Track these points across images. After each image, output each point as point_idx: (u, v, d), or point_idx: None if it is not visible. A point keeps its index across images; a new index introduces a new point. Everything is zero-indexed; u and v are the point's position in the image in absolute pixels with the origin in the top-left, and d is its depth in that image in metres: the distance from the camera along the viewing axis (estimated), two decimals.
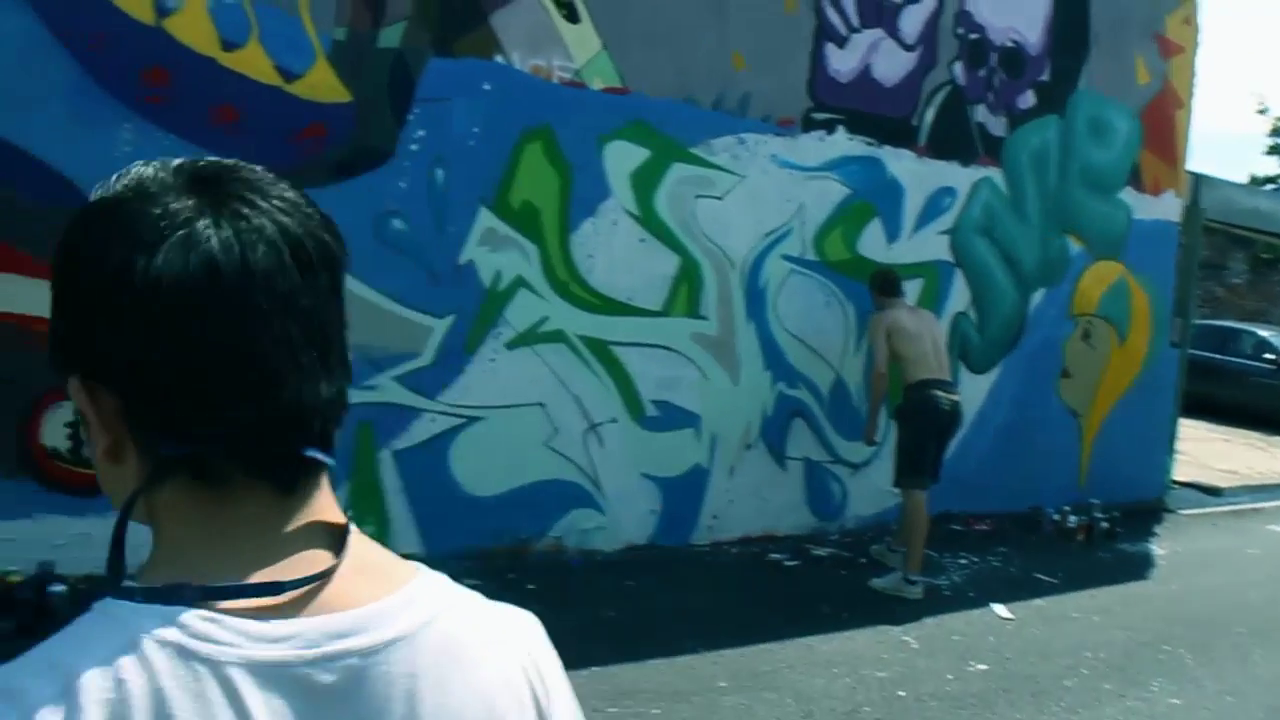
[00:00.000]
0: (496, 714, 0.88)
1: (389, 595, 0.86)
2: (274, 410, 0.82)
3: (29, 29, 5.02)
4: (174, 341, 0.80)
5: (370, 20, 5.60)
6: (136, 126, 5.24)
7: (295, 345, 0.83)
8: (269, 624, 0.79)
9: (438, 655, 0.86)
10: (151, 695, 0.74)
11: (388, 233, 5.78)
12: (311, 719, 0.79)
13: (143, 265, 0.79)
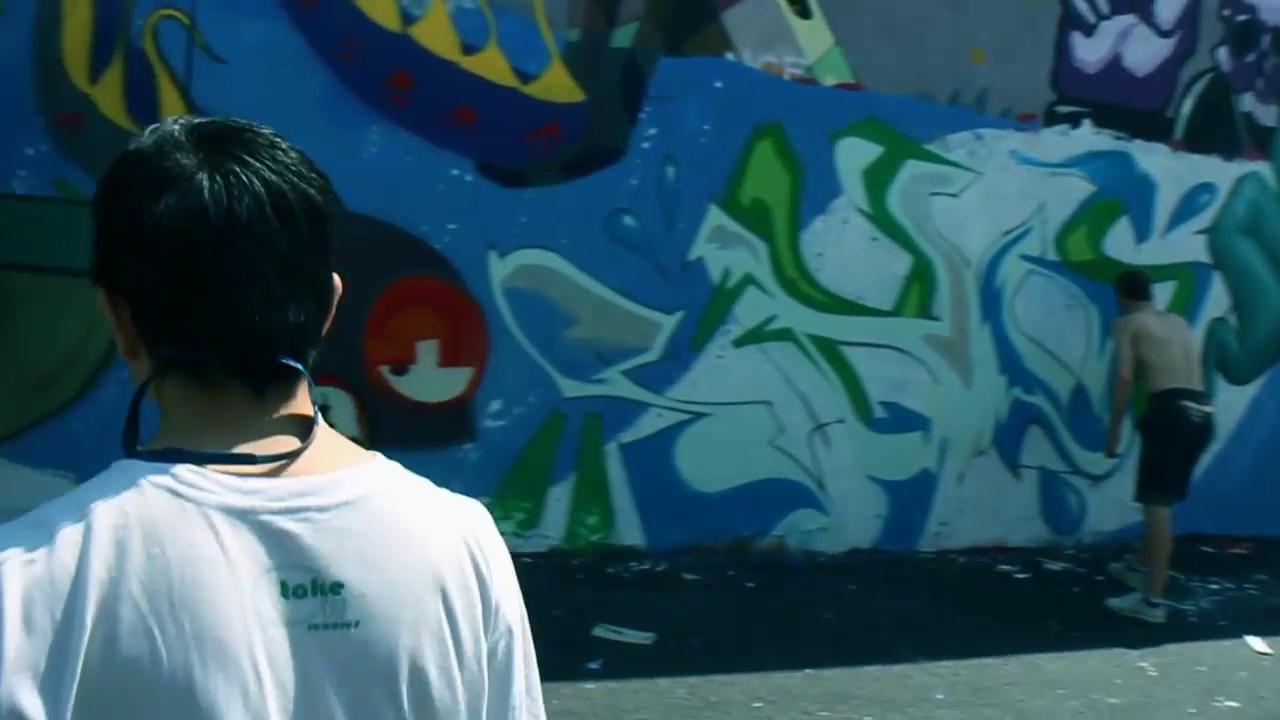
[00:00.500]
0: (437, 576, 1.07)
1: (344, 469, 1.06)
2: (246, 329, 1.02)
3: (288, 41, 5.36)
4: (169, 270, 1.00)
5: (603, 21, 5.70)
6: (383, 128, 5.51)
7: (269, 280, 1.02)
8: (244, 481, 1.00)
9: (384, 519, 1.05)
10: (147, 523, 0.96)
11: (619, 229, 5.87)
12: (275, 556, 0.99)
13: (150, 209, 1.00)
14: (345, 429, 5.54)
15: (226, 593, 0.97)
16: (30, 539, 0.95)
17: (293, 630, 0.99)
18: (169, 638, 0.94)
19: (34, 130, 5.25)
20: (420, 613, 1.05)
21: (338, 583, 1.01)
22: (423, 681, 1.05)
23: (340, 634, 1.01)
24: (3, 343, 5.23)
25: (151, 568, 0.95)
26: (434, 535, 1.08)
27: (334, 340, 4.26)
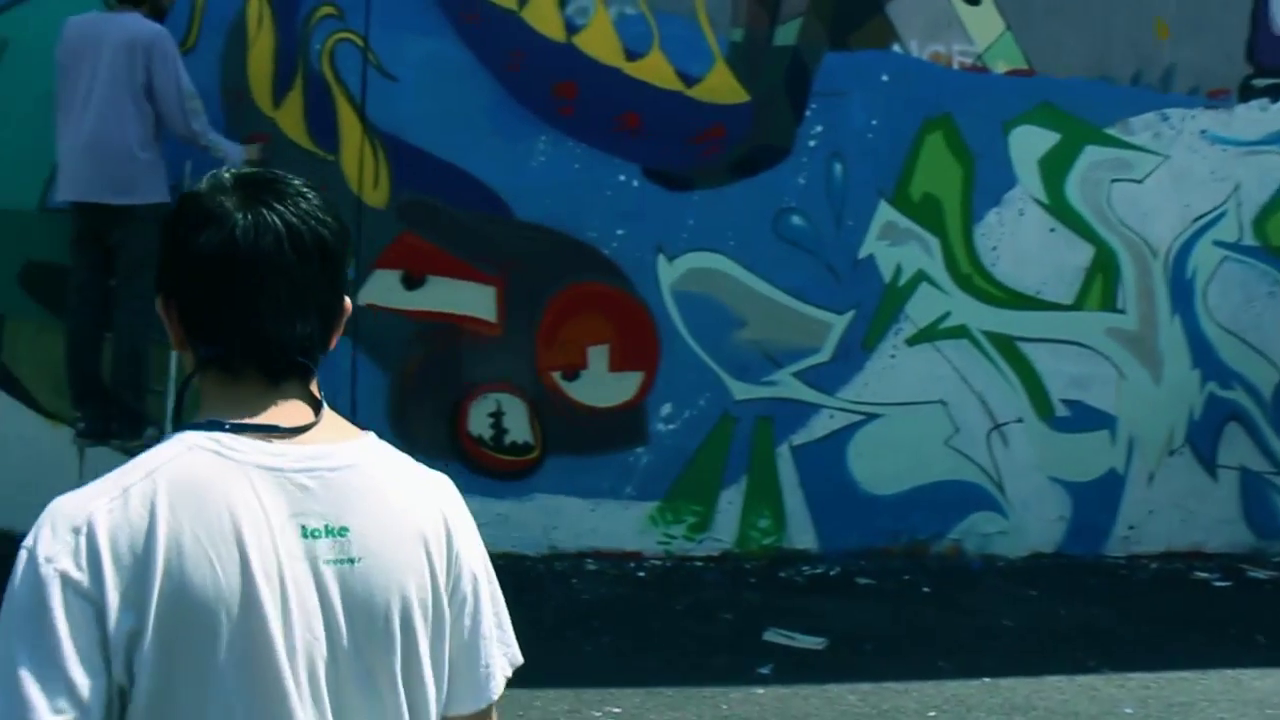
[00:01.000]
0: (419, 528, 1.37)
1: (344, 442, 1.37)
2: (258, 334, 1.33)
3: (457, 56, 5.50)
4: (205, 285, 1.33)
5: (766, 19, 5.65)
6: (550, 137, 5.60)
7: (280, 299, 1.33)
8: (270, 446, 1.31)
9: (378, 480, 1.36)
10: (199, 477, 1.26)
11: (787, 229, 5.82)
12: (295, 505, 1.29)
13: (194, 237, 1.33)
14: (518, 434, 5.67)
15: (262, 532, 1.26)
16: (110, 493, 1.25)
17: (311, 564, 1.29)
18: (224, 563, 1.23)
19: None
20: (407, 555, 1.35)
21: (344, 527, 1.31)
22: (407, 608, 1.34)
23: (347, 568, 1.31)
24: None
25: (205, 511, 1.25)
26: (416, 496, 1.41)
27: (507, 347, 4.38)
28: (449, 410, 5.66)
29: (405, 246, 5.62)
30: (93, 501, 1.24)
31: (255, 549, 1.25)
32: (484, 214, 5.61)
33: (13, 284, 5.57)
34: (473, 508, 5.02)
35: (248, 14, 5.47)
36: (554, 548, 5.69)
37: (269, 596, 1.24)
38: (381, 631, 1.32)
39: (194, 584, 1.22)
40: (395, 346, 5.64)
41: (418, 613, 1.36)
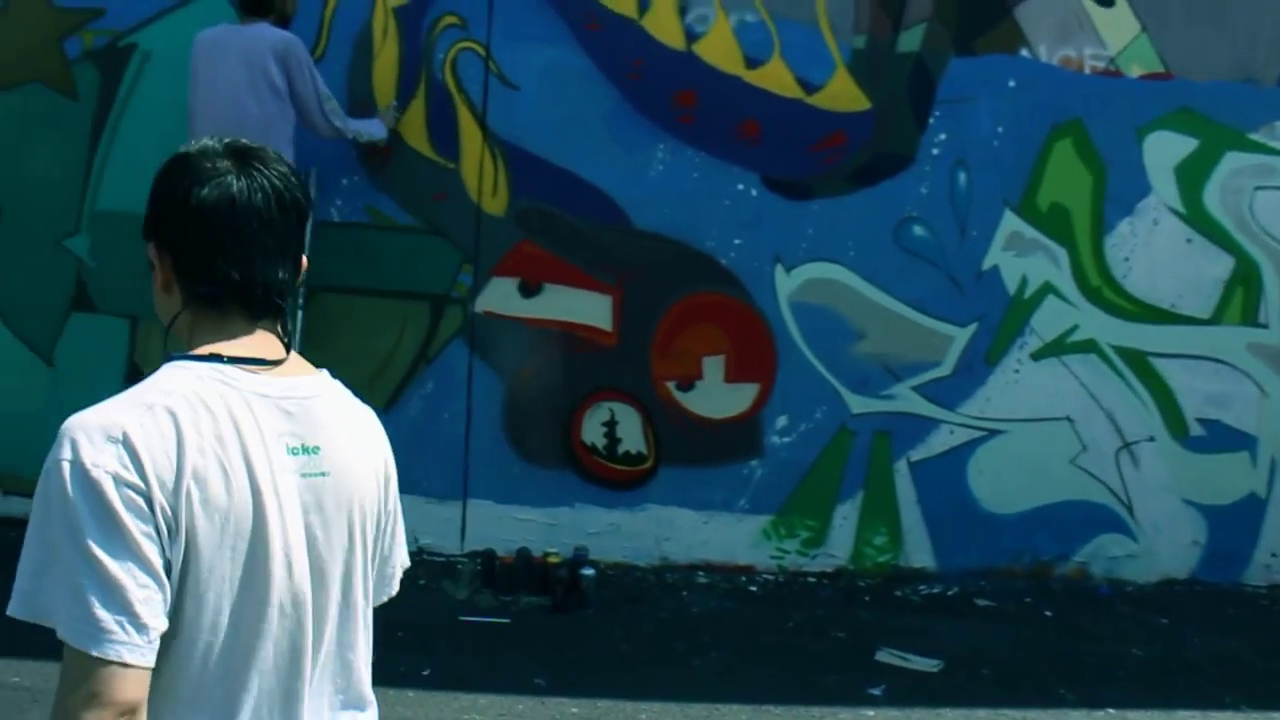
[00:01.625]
0: (371, 448, 1.68)
1: (309, 376, 1.63)
2: (250, 277, 1.56)
3: (577, 64, 5.51)
4: (206, 233, 1.55)
5: (889, 25, 5.54)
6: (668, 146, 5.57)
7: (268, 248, 1.57)
8: (258, 376, 1.54)
9: (337, 409, 1.64)
10: (209, 400, 1.48)
11: (908, 239, 5.69)
12: (282, 427, 1.53)
13: (198, 192, 1.54)
14: (631, 444, 5.65)
15: (260, 447, 1.50)
16: (136, 408, 1.45)
17: (294, 476, 1.54)
18: (234, 472, 1.47)
19: (348, 162, 5.63)
20: (362, 472, 1.63)
21: (316, 446, 1.57)
22: (364, 516, 1.63)
23: (319, 480, 1.56)
24: (320, 360, 5.57)
25: (217, 428, 1.47)
26: (364, 426, 1.69)
27: (622, 356, 4.36)
28: (563, 418, 5.67)
29: (523, 254, 5.65)
30: (122, 415, 1.44)
31: (257, 462, 1.50)
32: (602, 222, 5.60)
33: (147, 286, 5.72)
34: (584, 517, 5.11)
35: (373, 25, 5.56)
36: (665, 559, 5.65)
37: (269, 500, 1.50)
38: (345, 534, 1.60)
39: (212, 487, 1.45)
40: (511, 354, 5.67)
41: (370, 520, 1.66)
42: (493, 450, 5.69)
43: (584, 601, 5.17)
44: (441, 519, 5.71)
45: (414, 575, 5.41)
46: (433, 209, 5.65)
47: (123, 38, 5.67)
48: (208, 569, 1.44)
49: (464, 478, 5.71)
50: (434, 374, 5.71)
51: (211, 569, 1.45)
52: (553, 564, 5.32)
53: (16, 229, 5.82)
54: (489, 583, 5.37)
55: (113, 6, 5.66)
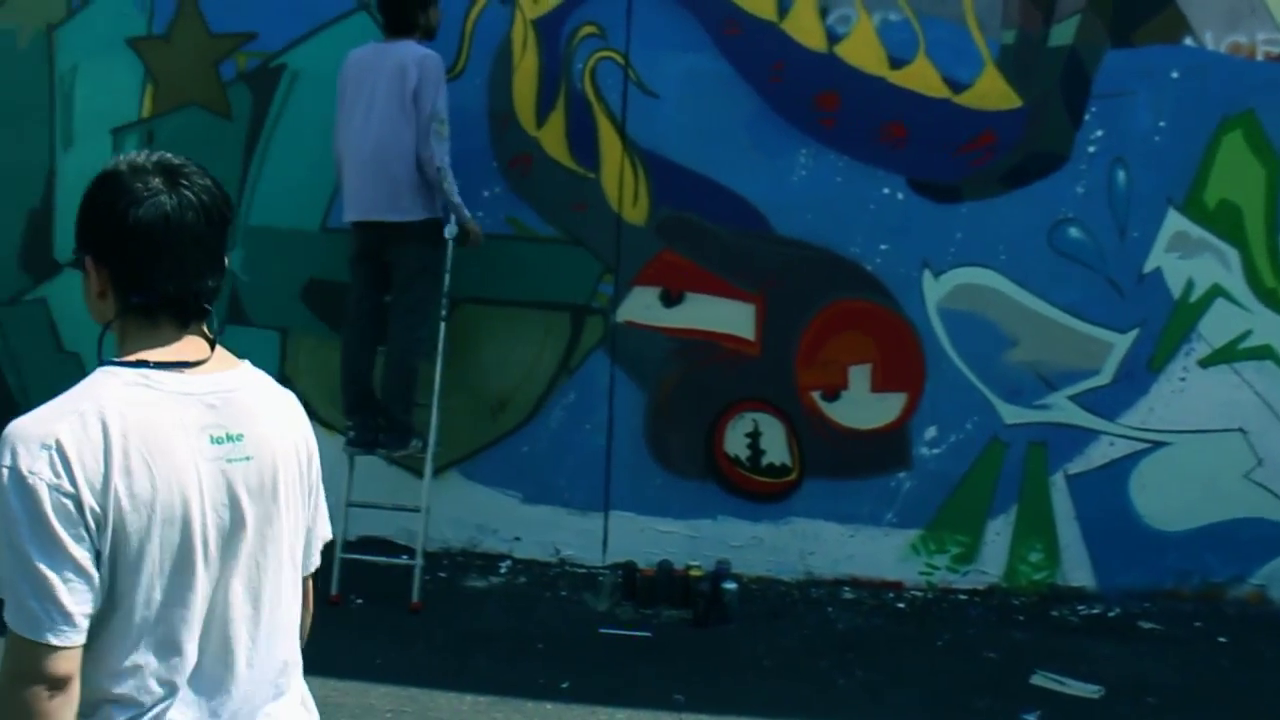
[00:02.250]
0: (290, 436, 1.84)
1: (232, 370, 1.80)
2: (182, 288, 1.72)
3: (716, 69, 5.44)
4: (141, 249, 1.70)
5: (1041, 19, 5.30)
6: (810, 150, 5.45)
7: (198, 260, 1.74)
8: (183, 377, 1.71)
9: (259, 398, 1.81)
10: (135, 403, 1.65)
11: (1063, 242, 5.43)
12: (205, 420, 1.70)
13: (134, 212, 1.68)
14: (775, 455, 5.53)
15: (182, 442, 1.68)
16: (68, 416, 1.62)
17: (218, 463, 1.71)
18: (158, 467, 1.65)
19: (490, 174, 5.67)
20: (284, 452, 1.81)
21: (240, 434, 1.74)
22: (289, 489, 1.82)
23: (243, 464, 1.74)
24: (462, 370, 5.67)
25: (143, 429, 1.65)
26: (284, 411, 1.87)
27: (765, 365, 4.23)
28: (705, 429, 5.59)
29: (664, 263, 5.59)
30: (54, 424, 1.62)
31: (179, 454, 1.67)
32: (744, 230, 5.51)
33: (296, 300, 5.90)
34: (726, 529, 4.99)
35: (513, 37, 5.59)
36: (810, 574, 5.51)
37: (191, 488, 1.68)
38: (269, 510, 1.78)
39: (137, 482, 1.63)
40: (653, 364, 5.62)
41: (294, 494, 1.85)
42: (634, 461, 5.64)
43: (726, 616, 5.08)
44: (583, 530, 5.69)
45: (555, 587, 5.46)
46: (573, 219, 5.64)
47: (273, 59, 5.83)
48: (137, 553, 1.64)
49: (605, 489, 5.67)
50: (575, 385, 5.70)
51: (141, 553, 1.64)
52: (694, 577, 5.23)
53: None
54: (630, 595, 5.32)
55: (264, 29, 5.83)
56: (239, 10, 5.84)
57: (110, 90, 6.03)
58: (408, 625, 5.06)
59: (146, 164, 1.73)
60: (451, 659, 4.72)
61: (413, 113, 5.13)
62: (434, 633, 4.97)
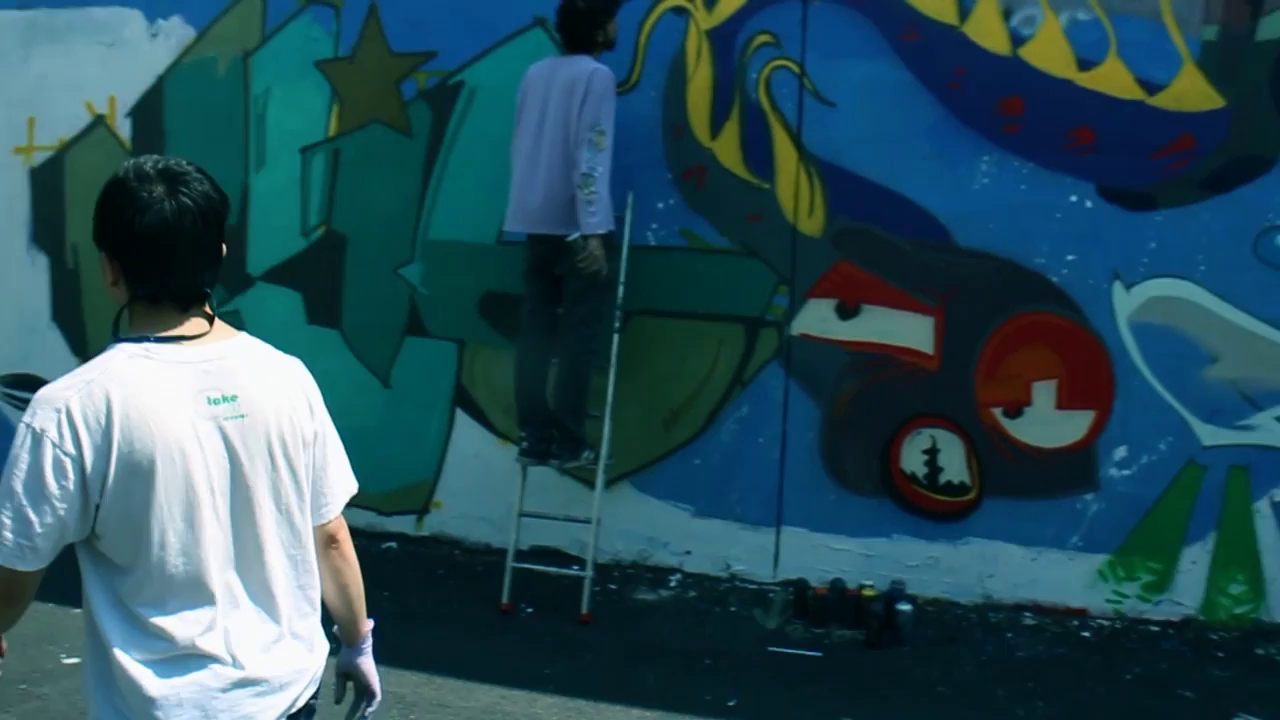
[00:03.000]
0: (285, 391, 2.10)
1: (227, 339, 2.06)
2: (181, 282, 1.99)
3: (895, 77, 5.31)
4: (144, 252, 1.97)
5: (1246, 12, 4.96)
6: (994, 157, 5.25)
7: (195, 258, 2.00)
8: (180, 349, 1.99)
9: (253, 362, 2.07)
10: (135, 372, 1.93)
11: (1270, 251, 5.07)
12: (201, 384, 1.97)
13: (138, 220, 1.95)
14: (954, 473, 5.34)
15: (181, 405, 1.96)
16: (77, 385, 1.93)
17: (215, 421, 1.99)
18: (157, 429, 1.92)
19: (663, 186, 5.67)
20: (278, 410, 2.07)
21: (234, 395, 2.01)
22: (285, 441, 2.08)
23: (238, 421, 2.02)
24: (635, 382, 5.67)
25: (141, 395, 1.93)
26: (278, 374, 2.12)
27: (944, 380, 4.05)
28: (881, 445, 5.44)
29: (840, 275, 5.48)
30: (65, 391, 1.93)
31: (176, 414, 1.95)
32: (923, 240, 5.34)
33: (473, 312, 6.01)
34: (902, 549, 4.83)
35: (687, 48, 5.58)
36: (989, 597, 5.29)
37: (190, 445, 1.96)
38: (268, 459, 2.06)
39: (138, 442, 1.92)
40: (828, 377, 5.50)
41: (292, 445, 2.10)
42: (808, 476, 5.53)
43: (899, 638, 4.92)
44: (754, 545, 5.61)
45: (725, 602, 5.40)
46: (748, 230, 5.58)
47: (452, 76, 5.97)
48: (143, 503, 1.93)
49: (778, 504, 5.58)
50: (749, 397, 5.62)
51: (148, 502, 1.93)
52: (868, 597, 5.09)
53: (358, 259, 6.25)
54: (801, 613, 5.22)
55: (444, 48, 5.98)
56: (420, 30, 6.01)
57: (299, 111, 6.29)
58: (577, 636, 5.07)
59: (151, 171, 1.99)
60: (619, 672, 4.71)
61: (578, 126, 5.17)
62: (602, 644, 4.97)
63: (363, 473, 6.68)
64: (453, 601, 5.48)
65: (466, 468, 6.14)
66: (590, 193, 5.14)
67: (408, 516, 6.30)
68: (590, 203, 5.15)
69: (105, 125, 6.79)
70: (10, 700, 4.37)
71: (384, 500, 6.32)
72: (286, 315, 6.42)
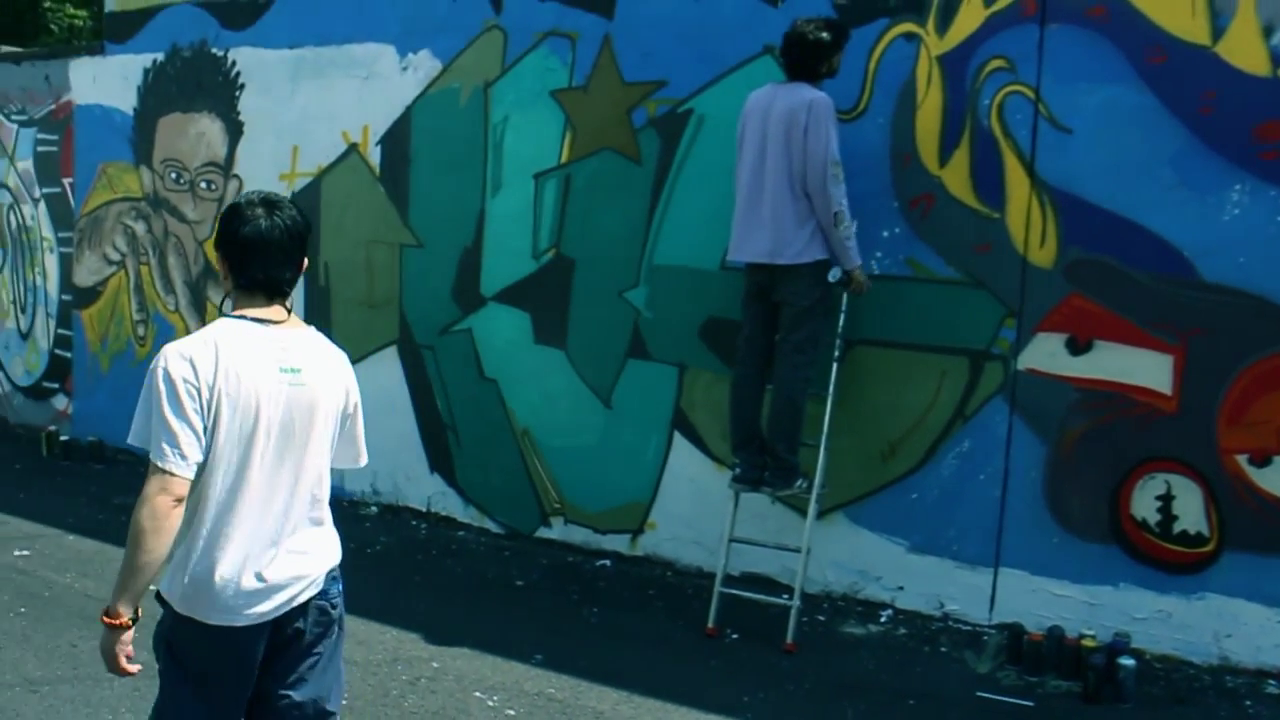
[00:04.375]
0: (337, 376, 2.87)
1: (299, 328, 2.85)
2: (271, 276, 2.79)
3: (1138, 101, 5.03)
4: (244, 253, 2.78)
5: None
6: (1247, 186, 4.89)
7: (280, 260, 2.79)
8: (266, 328, 2.77)
9: (317, 348, 2.86)
10: (238, 336, 2.73)
11: None
12: (278, 356, 2.75)
13: (241, 229, 2.77)
14: (1190, 523, 5.00)
15: (263, 364, 2.70)
16: (197, 343, 2.67)
17: (282, 384, 2.72)
18: (244, 377, 2.67)
19: (889, 214, 5.57)
20: (326, 388, 2.81)
21: (299, 368, 2.75)
22: (327, 409, 2.81)
23: (299, 389, 2.74)
24: (854, 412, 5.58)
25: (237, 354, 2.67)
26: (333, 359, 2.87)
27: (1182, 423, 3.81)
28: (1110, 488, 5.14)
29: (1072, 308, 5.23)
30: (190, 346, 2.67)
31: (259, 373, 2.70)
32: (1164, 274, 5.03)
33: (694, 336, 6.07)
34: (1129, 599, 4.58)
35: (917, 74, 5.47)
36: (1226, 659, 4.91)
37: (263, 395, 2.70)
38: (311, 416, 2.78)
39: (231, 386, 2.66)
40: (1055, 415, 5.26)
41: (331, 413, 2.84)
42: (1030, 517, 5.30)
43: (1120, 694, 4.62)
44: (970, 585, 5.41)
45: (936, 642, 5.22)
46: (975, 260, 5.41)
47: (681, 104, 6.07)
48: (228, 426, 2.67)
49: (997, 544, 5.37)
50: (971, 432, 5.44)
51: (228, 430, 2.67)
52: (1087, 648, 4.81)
53: (586, 282, 6.42)
54: (1014, 659, 4.99)
55: (674, 77, 6.08)
56: (651, 60, 6.15)
57: (534, 138, 6.54)
58: (780, 665, 5.01)
59: (256, 200, 2.81)
60: (819, 705, 4.62)
61: (801, 155, 5.15)
62: (805, 675, 4.89)
63: (581, 490, 6.97)
64: (660, 622, 5.52)
65: (682, 491, 6.19)
66: (846, 228, 5.23)
67: (623, 535, 6.40)
68: (848, 238, 5.25)
69: (358, 152, 7.26)
70: None
71: (600, 518, 6.45)
72: (515, 335, 6.66)
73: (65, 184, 9.24)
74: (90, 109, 8.97)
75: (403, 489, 7.31)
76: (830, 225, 5.19)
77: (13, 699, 4.45)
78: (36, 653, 4.93)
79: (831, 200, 5.16)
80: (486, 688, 4.69)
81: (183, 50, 8.24)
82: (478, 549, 6.69)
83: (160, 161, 8.45)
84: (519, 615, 5.60)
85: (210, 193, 8.14)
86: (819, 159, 5.12)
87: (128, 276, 8.71)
